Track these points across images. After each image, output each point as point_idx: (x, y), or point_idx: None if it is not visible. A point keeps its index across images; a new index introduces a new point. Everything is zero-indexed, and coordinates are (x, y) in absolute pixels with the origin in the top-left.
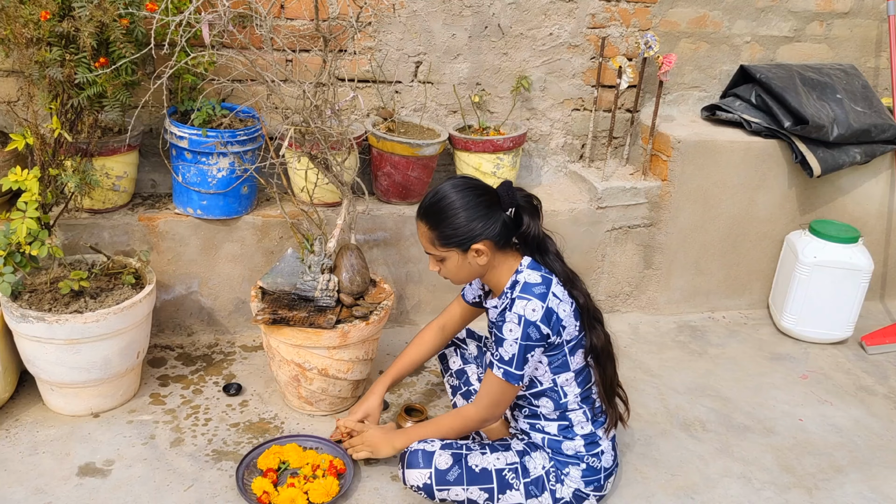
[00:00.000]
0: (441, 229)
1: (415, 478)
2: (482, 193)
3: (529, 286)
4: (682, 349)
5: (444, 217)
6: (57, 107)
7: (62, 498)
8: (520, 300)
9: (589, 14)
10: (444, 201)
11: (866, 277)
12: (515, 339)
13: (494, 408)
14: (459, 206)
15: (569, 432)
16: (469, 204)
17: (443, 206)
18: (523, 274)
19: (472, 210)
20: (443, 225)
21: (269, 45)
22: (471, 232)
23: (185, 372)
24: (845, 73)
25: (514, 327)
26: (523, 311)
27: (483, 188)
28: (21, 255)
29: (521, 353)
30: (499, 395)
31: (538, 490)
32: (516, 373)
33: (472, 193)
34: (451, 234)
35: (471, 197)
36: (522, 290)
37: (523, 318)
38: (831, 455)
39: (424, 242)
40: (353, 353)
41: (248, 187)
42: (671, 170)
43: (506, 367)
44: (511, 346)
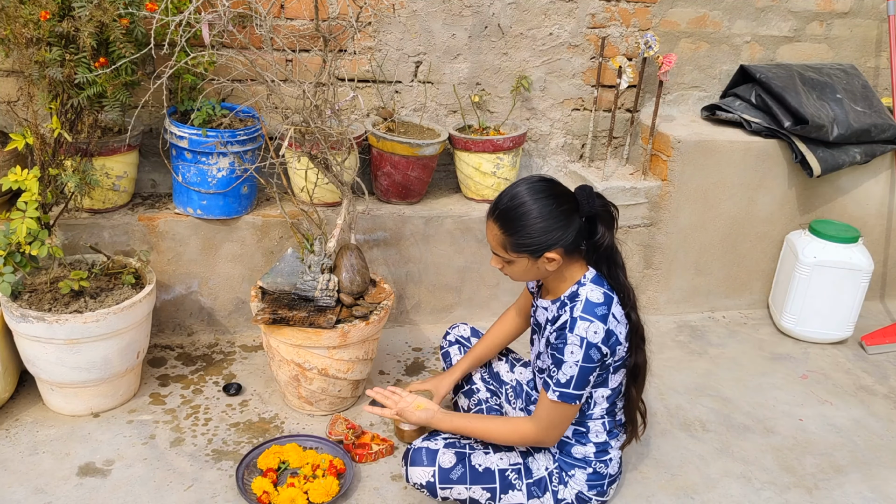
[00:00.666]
0: (515, 237)
1: (418, 475)
2: (562, 202)
3: (592, 306)
4: (682, 349)
5: (521, 225)
6: (57, 107)
7: (62, 498)
8: (582, 321)
9: (589, 14)
10: (522, 208)
11: (866, 277)
12: (576, 361)
13: (553, 430)
14: (538, 216)
15: (583, 438)
16: (548, 213)
17: (520, 213)
18: (586, 288)
19: (550, 220)
20: (518, 233)
21: (269, 45)
22: (546, 241)
23: (185, 372)
24: (845, 72)
25: (576, 350)
26: (585, 334)
27: (563, 195)
28: (21, 255)
29: (582, 375)
30: (557, 418)
31: (540, 491)
32: (574, 393)
33: (552, 202)
34: (525, 243)
35: (551, 205)
36: (584, 309)
37: (585, 341)
38: (831, 455)
39: (494, 244)
40: (353, 353)
41: (248, 187)
42: (671, 170)
43: (562, 390)
44: (571, 368)
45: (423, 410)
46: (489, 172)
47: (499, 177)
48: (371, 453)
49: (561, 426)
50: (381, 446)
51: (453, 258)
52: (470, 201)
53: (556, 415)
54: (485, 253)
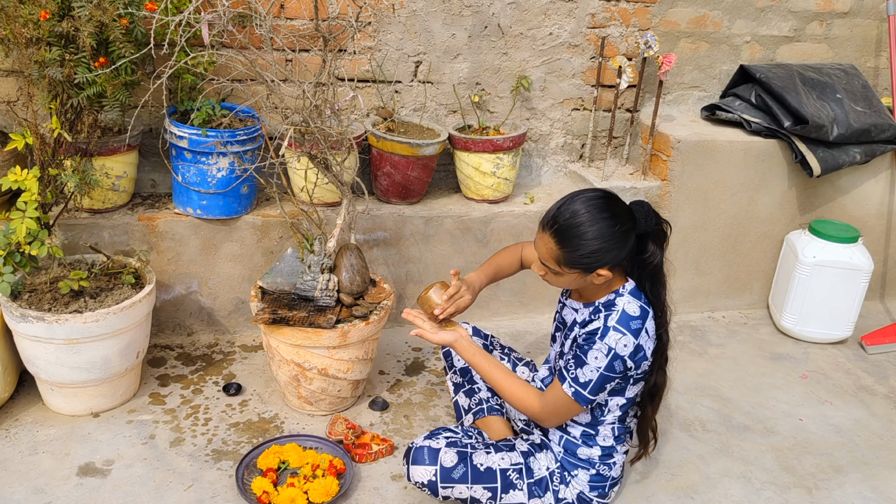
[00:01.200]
0: (570, 252)
1: (420, 474)
2: (621, 221)
3: (627, 318)
4: (681, 349)
5: (579, 243)
6: (56, 107)
7: (62, 498)
8: (615, 332)
9: (589, 14)
10: (582, 228)
11: (866, 277)
12: (598, 367)
13: (554, 416)
14: (596, 236)
15: (590, 440)
16: (606, 234)
17: (580, 232)
18: (623, 299)
19: (609, 240)
20: (573, 249)
21: (269, 44)
22: (602, 260)
23: (185, 372)
24: (845, 72)
25: (601, 357)
26: (615, 345)
27: (622, 214)
28: (21, 255)
29: (600, 382)
30: (562, 409)
31: (541, 491)
32: (588, 396)
33: (612, 222)
34: (578, 260)
35: (609, 226)
36: (619, 320)
37: (613, 351)
38: (831, 455)
39: (546, 256)
40: (353, 353)
41: (247, 187)
42: (671, 169)
43: (578, 388)
44: (592, 372)
45: (450, 332)
46: (489, 172)
47: (499, 177)
48: (371, 453)
49: (563, 417)
50: (381, 446)
51: (453, 258)
52: (470, 201)
53: (562, 405)
54: (484, 253)
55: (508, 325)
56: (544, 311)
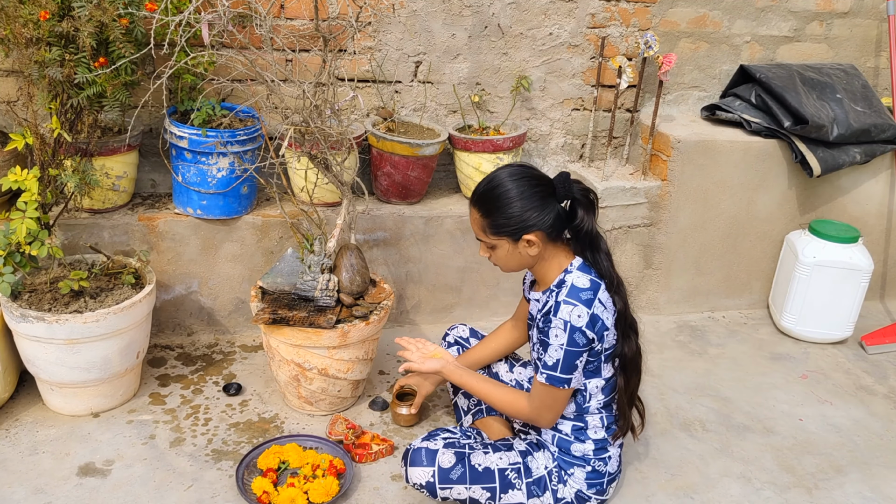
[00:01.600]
0: (493, 218)
1: (418, 475)
2: (538, 183)
3: (577, 290)
4: (682, 349)
5: (498, 206)
6: (56, 107)
7: (62, 498)
8: (566, 305)
9: (589, 14)
10: (498, 189)
11: (866, 277)
12: (561, 344)
13: (545, 411)
14: (514, 196)
15: (582, 434)
16: (524, 194)
17: (497, 195)
18: (572, 275)
19: (526, 200)
20: (495, 213)
21: (269, 44)
22: (524, 222)
23: (185, 372)
24: (845, 72)
25: (560, 332)
26: (569, 317)
27: (539, 177)
28: (21, 255)
29: (567, 359)
30: (548, 400)
31: (540, 490)
32: (561, 376)
33: (527, 183)
34: (503, 224)
35: (526, 186)
36: (569, 293)
37: (569, 324)
38: (831, 455)
39: (476, 229)
40: (353, 353)
41: (247, 187)
42: (671, 169)
43: (549, 372)
44: (556, 351)
45: (437, 360)
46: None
47: None
48: (371, 453)
49: (552, 409)
50: (381, 446)
51: (453, 258)
52: None
53: (545, 397)
54: None
55: None
56: None
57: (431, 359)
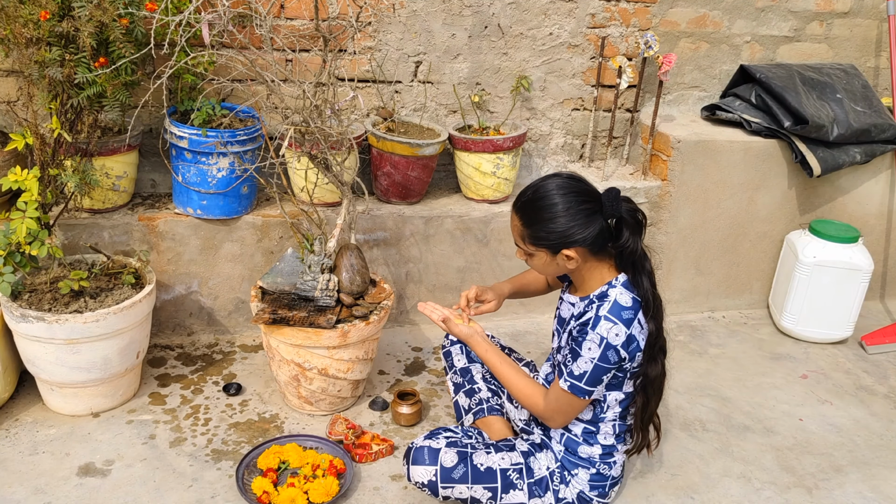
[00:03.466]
0: (534, 229)
1: (420, 474)
2: (586, 200)
3: (619, 308)
4: (682, 349)
5: (541, 218)
6: (57, 107)
7: (62, 498)
8: (606, 321)
9: (589, 14)
10: (544, 201)
11: (866, 277)
12: (592, 358)
13: (558, 414)
14: (560, 211)
15: (591, 438)
16: (570, 210)
17: (542, 206)
18: (616, 290)
19: (571, 216)
20: (537, 225)
21: (269, 44)
22: (566, 238)
23: (185, 372)
24: (845, 72)
25: (594, 347)
26: (607, 334)
27: (587, 193)
28: (21, 255)
29: (595, 373)
30: (564, 405)
31: (541, 490)
32: (585, 388)
33: (575, 198)
34: (543, 237)
35: (573, 201)
36: (611, 310)
37: (605, 341)
38: (831, 455)
39: (515, 235)
40: (353, 353)
41: (247, 187)
42: (671, 169)
43: (574, 381)
44: (586, 363)
45: (467, 327)
46: (489, 172)
47: (499, 177)
48: (371, 453)
49: (566, 414)
50: (381, 446)
51: (453, 258)
52: (470, 201)
53: (563, 402)
54: (485, 253)
55: (509, 325)
56: (544, 311)
57: (463, 325)
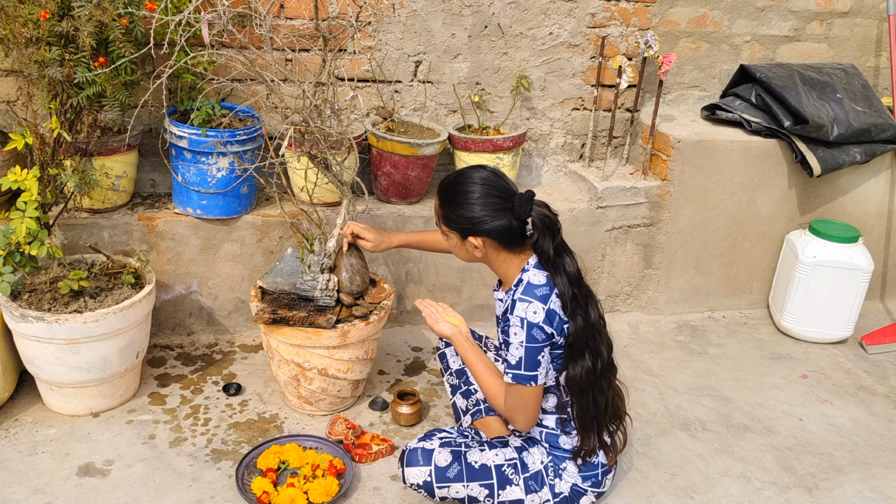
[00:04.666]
0: (448, 211)
1: (414, 476)
2: (499, 194)
3: (532, 287)
4: (682, 349)
5: (455, 202)
6: (56, 106)
7: (62, 498)
8: (521, 302)
9: (589, 13)
10: (461, 187)
11: (866, 277)
12: (521, 342)
13: (517, 412)
14: (472, 199)
15: (567, 426)
16: (481, 200)
17: (458, 191)
18: (528, 273)
19: (480, 206)
20: (450, 208)
21: (269, 44)
22: (473, 226)
23: (185, 372)
24: (845, 72)
25: (518, 330)
26: (525, 314)
27: (504, 190)
28: (20, 255)
29: (529, 356)
30: (518, 400)
31: (537, 485)
32: (526, 374)
33: (489, 191)
34: (454, 219)
35: (486, 194)
36: (524, 291)
37: (525, 321)
38: (831, 455)
39: (434, 213)
40: (353, 353)
41: (247, 187)
42: (671, 169)
43: (514, 371)
44: (517, 349)
45: (450, 325)
46: None
47: None
48: (371, 453)
49: (524, 409)
50: (381, 446)
51: (453, 258)
52: None
53: (515, 396)
54: None
55: None
56: None
57: (445, 322)
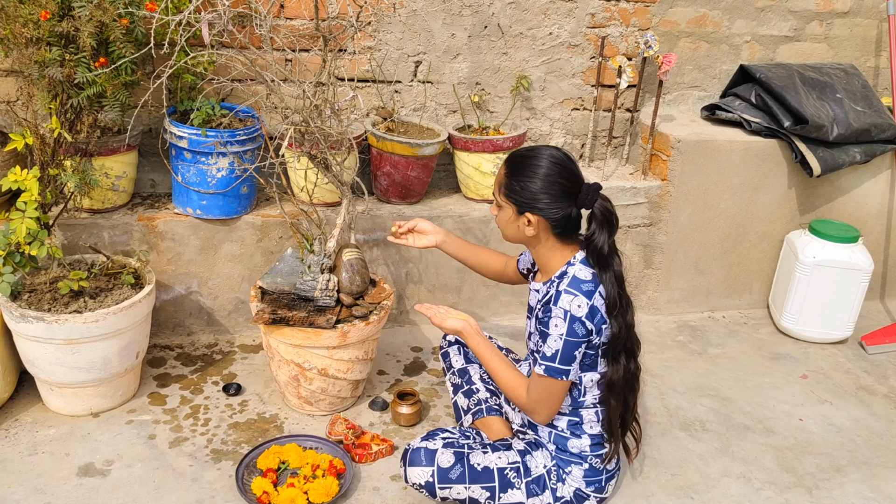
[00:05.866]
0: (512, 181)
1: (417, 475)
2: (568, 178)
3: (578, 281)
4: (682, 349)
5: (522, 173)
6: (56, 107)
7: (62, 498)
8: (566, 294)
9: (588, 13)
10: (532, 160)
11: (866, 277)
12: (561, 334)
13: (541, 405)
14: (540, 174)
15: (577, 429)
16: (549, 178)
17: (528, 164)
18: (575, 267)
19: (548, 184)
20: (515, 178)
21: (269, 44)
22: (533, 201)
23: (185, 372)
24: (845, 72)
25: (560, 322)
26: (569, 307)
27: (573, 174)
28: (20, 255)
29: (567, 349)
30: (545, 393)
31: (539, 489)
32: (560, 367)
33: (559, 171)
34: (516, 190)
35: (556, 173)
36: (570, 283)
37: (569, 314)
38: (831, 455)
39: (495, 183)
40: (353, 353)
41: (247, 187)
42: (671, 169)
43: (548, 364)
44: (556, 341)
45: (459, 321)
46: (489, 172)
47: None
48: (371, 453)
49: (548, 403)
50: (381, 446)
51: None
52: (470, 201)
53: (542, 389)
54: None
55: (508, 325)
56: None
57: (453, 318)
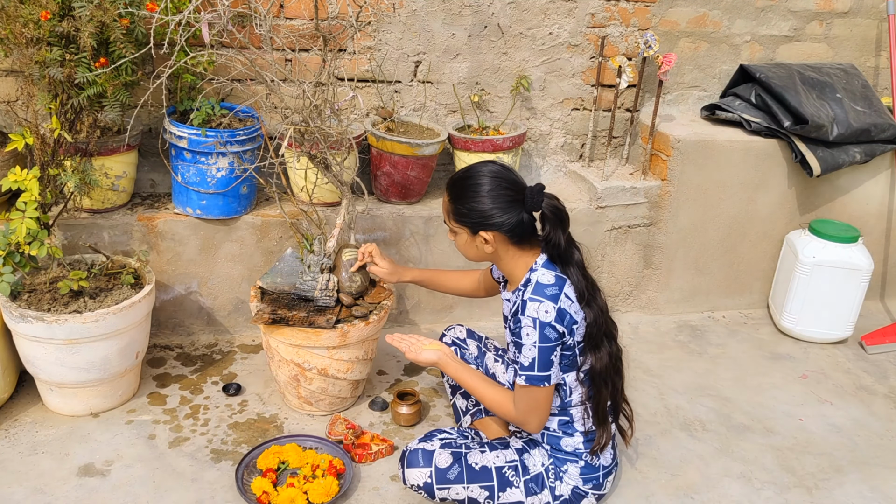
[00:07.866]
0: (458, 205)
1: (415, 477)
2: (510, 187)
3: (541, 287)
4: (681, 349)
5: (465, 196)
6: (57, 107)
7: (62, 498)
8: (532, 302)
9: (588, 13)
10: (471, 180)
11: (866, 277)
12: (533, 342)
13: (529, 414)
14: (483, 192)
15: (569, 428)
16: (492, 193)
17: (468, 185)
18: (537, 273)
19: (492, 199)
20: (460, 202)
21: (269, 44)
22: (484, 219)
23: (185, 372)
24: (845, 72)
25: (531, 331)
26: (536, 314)
27: (513, 182)
28: (20, 255)
29: (542, 356)
30: (531, 402)
31: (538, 487)
32: (540, 375)
33: (500, 184)
34: (464, 213)
35: (497, 186)
36: (534, 291)
37: (538, 321)
38: (831, 455)
39: (443, 211)
40: (353, 353)
41: (247, 187)
42: (671, 169)
43: (528, 373)
44: (530, 350)
45: (433, 351)
46: None
47: None
48: (371, 453)
49: (537, 412)
50: (381, 446)
51: (453, 258)
52: None
53: (528, 399)
54: None
55: None
56: None
57: (427, 350)
